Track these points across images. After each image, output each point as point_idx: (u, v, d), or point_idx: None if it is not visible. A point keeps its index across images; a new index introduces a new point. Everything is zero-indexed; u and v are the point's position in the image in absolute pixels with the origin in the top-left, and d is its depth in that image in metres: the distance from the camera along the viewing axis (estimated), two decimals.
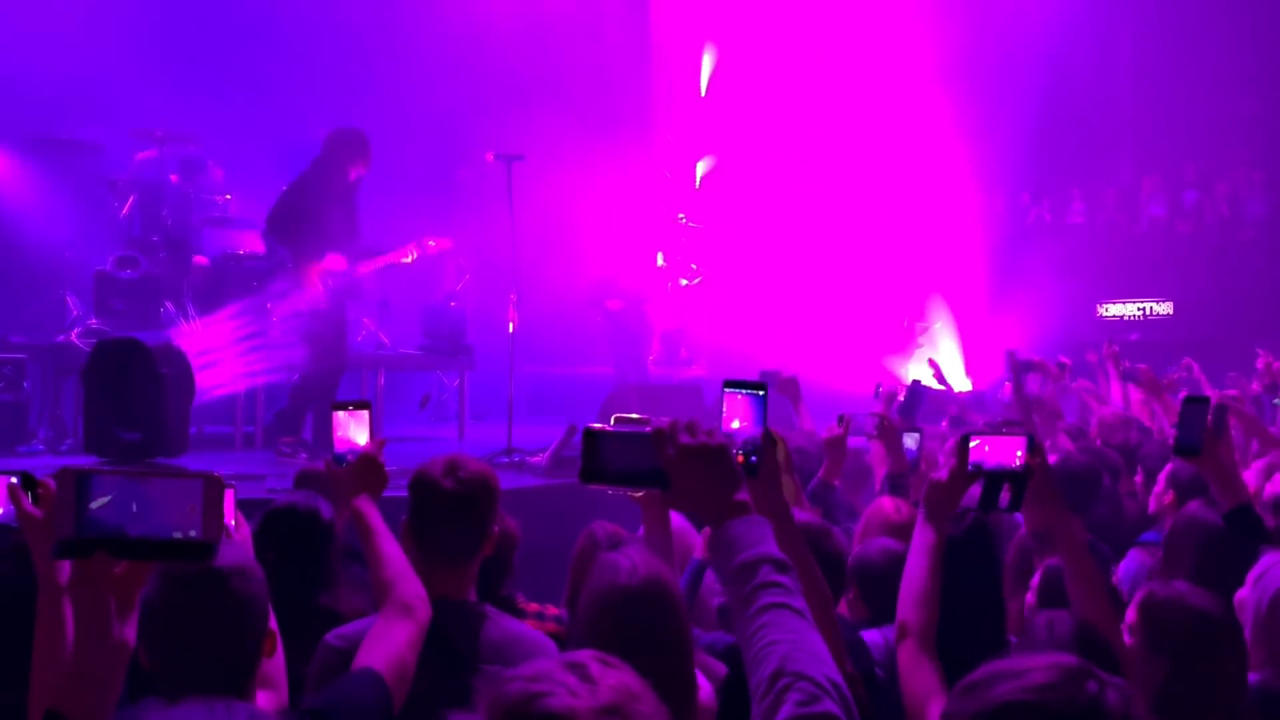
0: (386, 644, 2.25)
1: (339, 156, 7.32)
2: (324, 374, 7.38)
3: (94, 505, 1.54)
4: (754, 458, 1.96)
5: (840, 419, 4.41)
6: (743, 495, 1.65)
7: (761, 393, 1.98)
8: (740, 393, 1.97)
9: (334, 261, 7.26)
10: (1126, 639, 2.47)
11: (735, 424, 1.98)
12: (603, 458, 1.73)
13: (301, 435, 7.39)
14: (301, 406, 7.46)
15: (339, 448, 2.63)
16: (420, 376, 10.37)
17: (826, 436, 4.34)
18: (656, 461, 1.67)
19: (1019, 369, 6.33)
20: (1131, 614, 2.54)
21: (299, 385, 7.45)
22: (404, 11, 11.87)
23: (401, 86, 11.89)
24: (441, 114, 11.88)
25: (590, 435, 1.74)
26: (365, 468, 2.58)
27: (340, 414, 2.66)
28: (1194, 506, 3.38)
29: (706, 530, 3.58)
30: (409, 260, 7.65)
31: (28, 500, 1.85)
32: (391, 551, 2.44)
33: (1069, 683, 1.29)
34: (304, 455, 7.11)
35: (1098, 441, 5.70)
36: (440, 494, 2.58)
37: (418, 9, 11.87)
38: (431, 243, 7.76)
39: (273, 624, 2.22)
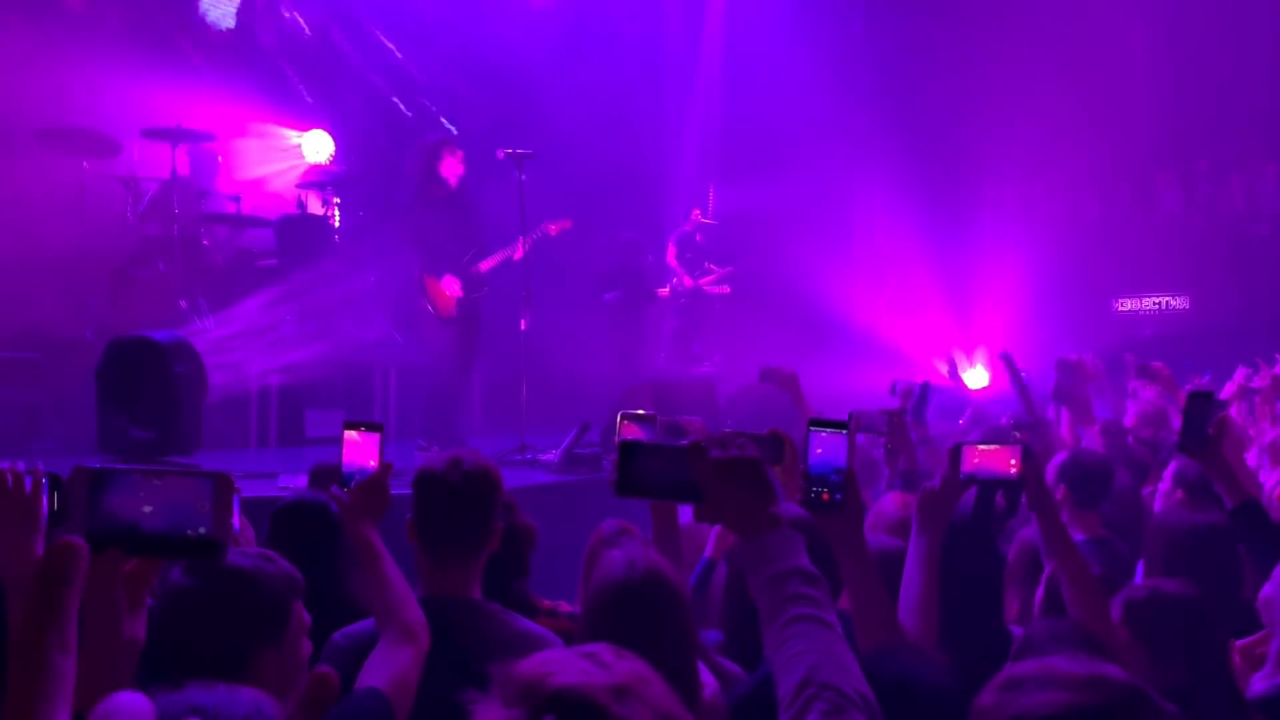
0: (390, 665, 2.28)
1: (429, 166, 7.43)
2: (452, 378, 7.62)
3: (106, 503, 1.56)
4: (839, 495, 1.96)
5: (850, 416, 4.39)
6: (775, 508, 1.66)
7: (845, 431, 1.99)
8: (825, 431, 1.99)
9: (450, 285, 7.49)
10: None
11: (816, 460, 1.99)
12: (637, 470, 1.76)
13: (456, 433, 7.53)
14: (439, 407, 7.63)
15: (347, 468, 2.56)
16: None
17: None
18: (691, 474, 1.68)
19: (1062, 370, 6.33)
20: (1123, 632, 2.52)
21: (433, 391, 7.64)
22: (415, 9, 11.86)
23: (413, 83, 11.90)
24: (454, 110, 11.90)
25: (626, 448, 1.77)
26: (371, 492, 2.52)
27: (351, 433, 2.57)
28: (1171, 509, 3.36)
29: (717, 527, 3.58)
30: (520, 255, 7.73)
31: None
32: (394, 576, 2.45)
33: (1121, 707, 1.27)
34: (435, 450, 7.20)
35: (1130, 437, 5.67)
36: (444, 490, 2.60)
37: (430, 6, 11.87)
38: (552, 228, 7.83)
39: (297, 652, 2.22)
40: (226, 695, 1.42)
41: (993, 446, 2.47)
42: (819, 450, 1.97)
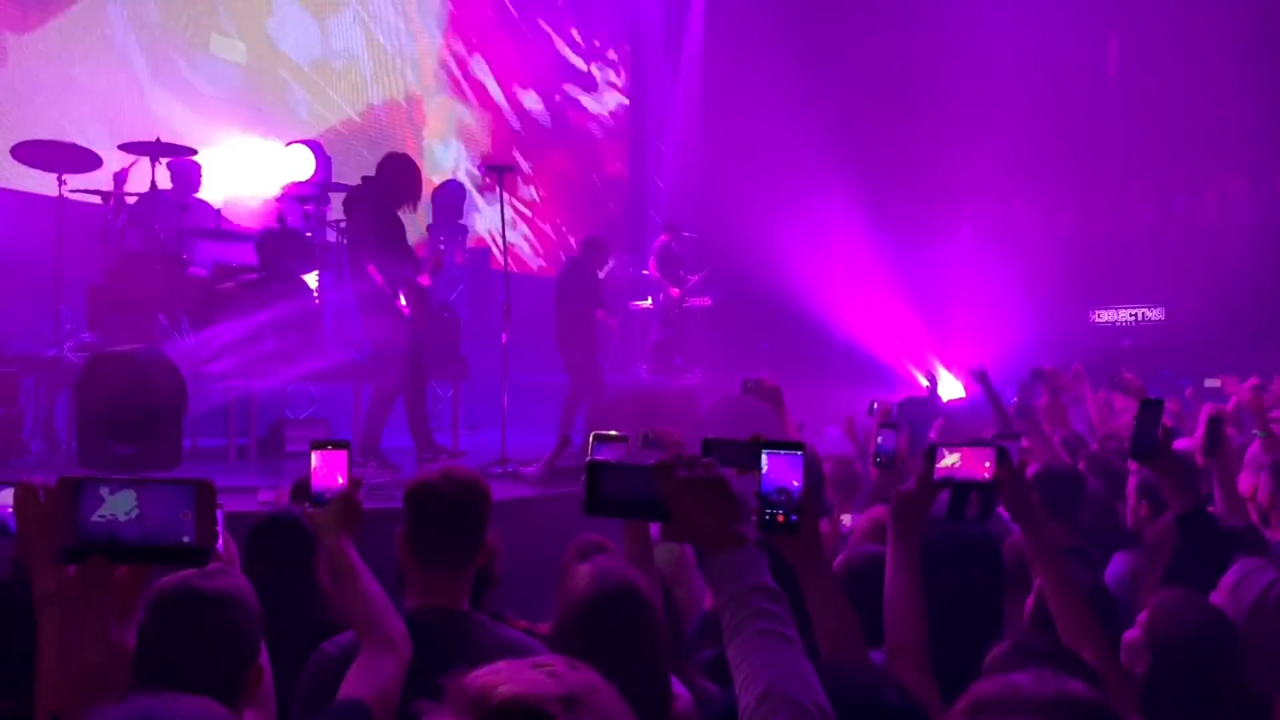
0: (372, 676, 2.29)
1: (393, 182, 7.63)
2: (413, 384, 7.69)
3: (90, 512, 1.59)
4: (794, 516, 1.98)
5: (871, 406, 4.44)
6: (739, 527, 1.68)
7: (800, 451, 1.99)
8: (778, 453, 1.99)
9: (423, 279, 7.65)
10: (1124, 656, 2.47)
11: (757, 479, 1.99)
12: (605, 490, 1.78)
13: (379, 448, 7.54)
14: (382, 420, 7.62)
15: (316, 487, 2.59)
16: None
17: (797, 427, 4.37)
18: (657, 493, 1.71)
19: (1036, 379, 6.36)
20: (1138, 633, 2.55)
21: (381, 398, 7.64)
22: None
23: (400, 94, 11.92)
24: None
25: (594, 468, 1.79)
26: (343, 508, 2.55)
27: (318, 453, 2.59)
28: (1167, 519, 3.40)
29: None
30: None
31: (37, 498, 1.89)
32: (372, 589, 2.47)
33: None
34: (373, 465, 7.28)
35: (1096, 445, 5.72)
36: (437, 499, 2.63)
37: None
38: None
39: (263, 659, 2.26)
40: (171, 703, 1.43)
41: (968, 448, 2.43)
42: (770, 472, 1.98)
